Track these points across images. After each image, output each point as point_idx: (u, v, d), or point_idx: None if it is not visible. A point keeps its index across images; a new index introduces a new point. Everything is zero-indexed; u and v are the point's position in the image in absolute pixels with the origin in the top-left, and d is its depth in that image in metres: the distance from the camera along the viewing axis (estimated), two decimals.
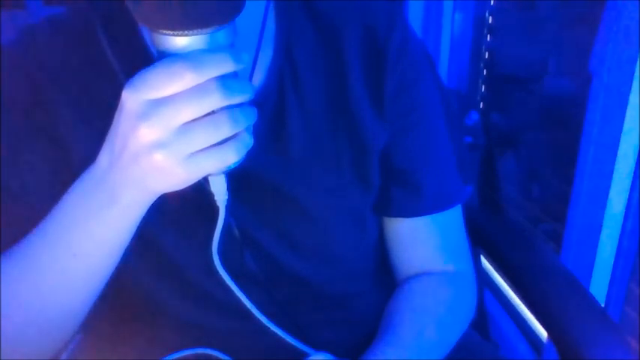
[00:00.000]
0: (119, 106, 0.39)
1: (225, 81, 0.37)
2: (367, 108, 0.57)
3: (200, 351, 0.58)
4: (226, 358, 0.58)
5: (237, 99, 0.38)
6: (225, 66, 0.37)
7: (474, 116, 1.19)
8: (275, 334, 0.55)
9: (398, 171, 0.60)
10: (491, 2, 1.54)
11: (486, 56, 1.58)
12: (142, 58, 0.50)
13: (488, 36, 1.57)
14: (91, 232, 0.44)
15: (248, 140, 0.40)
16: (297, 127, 0.55)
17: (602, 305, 1.01)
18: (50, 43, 0.54)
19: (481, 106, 1.59)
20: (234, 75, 0.38)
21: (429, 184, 0.61)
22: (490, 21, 1.56)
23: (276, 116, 0.55)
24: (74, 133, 0.52)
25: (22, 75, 0.52)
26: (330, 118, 0.57)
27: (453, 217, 0.65)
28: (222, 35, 0.38)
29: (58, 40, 0.54)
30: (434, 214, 0.63)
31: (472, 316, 0.65)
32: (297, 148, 0.56)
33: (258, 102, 0.42)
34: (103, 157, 0.42)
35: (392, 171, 0.60)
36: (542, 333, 1.22)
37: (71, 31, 0.54)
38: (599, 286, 1.03)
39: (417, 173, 0.61)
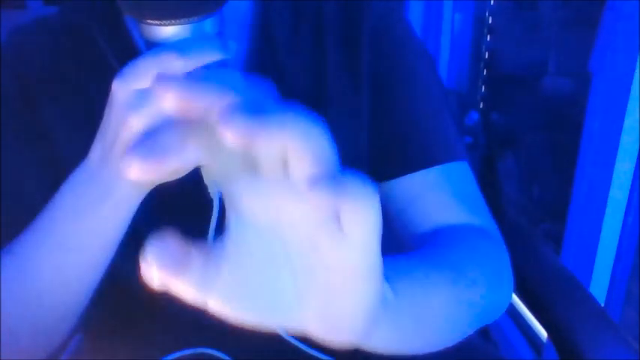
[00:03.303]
0: (109, 99, 0.39)
1: (212, 70, 0.36)
2: (347, 85, 0.55)
3: (200, 351, 0.58)
4: (226, 358, 0.58)
5: None
6: (213, 54, 0.37)
7: (474, 116, 1.19)
8: (275, 333, 0.55)
9: (392, 134, 0.57)
10: (491, 2, 1.54)
11: (486, 56, 1.59)
12: (135, 54, 0.51)
13: (489, 36, 1.57)
14: (85, 226, 0.44)
15: None
16: None
17: (602, 305, 1.01)
18: (39, 43, 0.54)
19: (481, 106, 1.59)
20: (222, 64, 0.38)
21: (426, 135, 0.57)
22: (490, 21, 1.56)
23: None
24: (63, 132, 0.52)
25: (10, 76, 0.52)
26: (312, 99, 0.55)
27: (463, 173, 0.58)
28: (208, 24, 0.38)
29: (47, 40, 0.54)
30: (438, 169, 0.57)
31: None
32: None
33: None
34: (95, 151, 0.42)
35: (386, 134, 0.57)
36: (542, 333, 1.22)
37: (62, 30, 0.54)
38: (599, 286, 1.03)
39: (412, 126, 0.57)
